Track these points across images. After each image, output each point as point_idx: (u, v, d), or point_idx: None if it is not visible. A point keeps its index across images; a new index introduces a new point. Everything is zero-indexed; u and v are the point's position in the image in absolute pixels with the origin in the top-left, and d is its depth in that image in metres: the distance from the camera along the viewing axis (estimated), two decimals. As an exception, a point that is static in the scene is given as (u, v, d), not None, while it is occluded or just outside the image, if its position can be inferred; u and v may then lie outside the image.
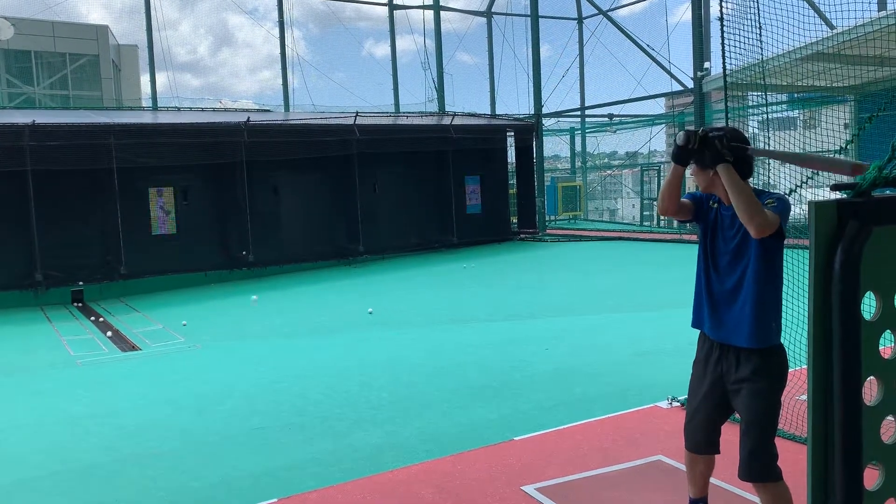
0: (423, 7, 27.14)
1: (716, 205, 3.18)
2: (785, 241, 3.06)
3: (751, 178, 3.21)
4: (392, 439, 5.40)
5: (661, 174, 29.54)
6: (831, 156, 5.05)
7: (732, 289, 3.09)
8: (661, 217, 27.43)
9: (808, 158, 2.83)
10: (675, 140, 2.94)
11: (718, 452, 3.36)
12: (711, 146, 2.87)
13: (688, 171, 3.21)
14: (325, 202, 20.19)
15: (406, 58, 43.00)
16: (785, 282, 3.24)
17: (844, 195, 1.95)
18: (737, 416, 3.35)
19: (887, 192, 1.96)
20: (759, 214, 2.84)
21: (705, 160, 2.98)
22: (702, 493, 3.48)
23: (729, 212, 3.08)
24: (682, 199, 3.25)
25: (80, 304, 15.63)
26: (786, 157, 3.03)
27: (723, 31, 5.09)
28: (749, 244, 3.02)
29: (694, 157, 2.99)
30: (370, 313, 11.74)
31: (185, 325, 11.82)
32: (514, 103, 40.76)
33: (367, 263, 19.73)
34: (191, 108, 22.34)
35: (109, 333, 11.74)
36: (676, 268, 15.02)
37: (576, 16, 30.07)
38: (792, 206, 3.11)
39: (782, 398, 3.14)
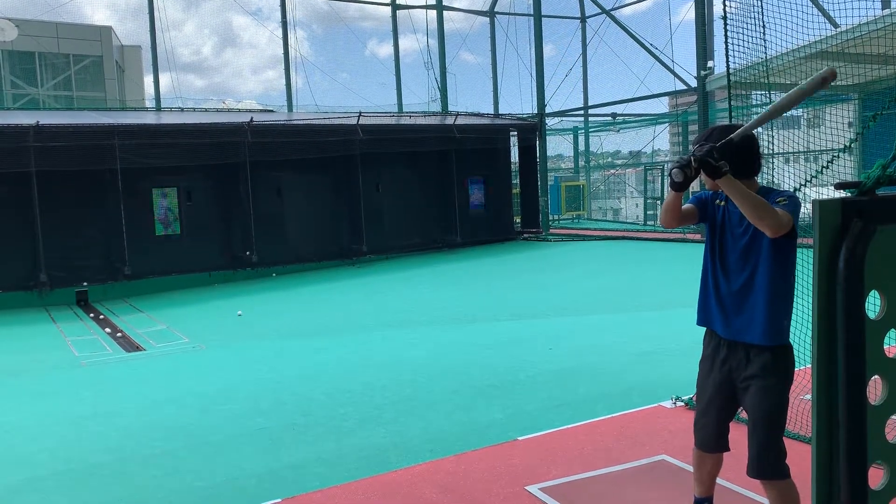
0: (426, 7, 27.15)
1: (723, 203, 3.14)
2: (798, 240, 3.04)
3: (758, 176, 3.19)
4: (396, 439, 5.40)
5: (665, 173, 29.49)
6: (828, 153, 5.05)
7: (742, 287, 3.06)
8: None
9: (787, 102, 2.78)
10: (670, 176, 2.88)
11: (728, 450, 3.34)
12: (707, 166, 2.82)
13: None
14: (328, 202, 20.21)
15: (409, 58, 43.07)
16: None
17: (848, 194, 1.95)
18: (741, 415, 3.34)
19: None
20: (770, 216, 2.81)
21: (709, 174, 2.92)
22: (708, 493, 3.46)
23: (738, 209, 3.04)
24: (686, 206, 3.21)
25: (83, 303, 15.67)
26: (770, 115, 2.98)
27: (726, 30, 5.09)
28: (760, 242, 2.99)
29: (688, 183, 2.93)
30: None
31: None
32: (518, 103, 40.68)
33: (370, 263, 19.74)
34: (194, 109, 22.39)
35: (109, 331, 11.77)
36: (680, 267, 14.99)
37: (579, 15, 30.06)
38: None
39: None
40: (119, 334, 11.52)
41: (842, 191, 2.01)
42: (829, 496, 1.81)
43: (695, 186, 3.58)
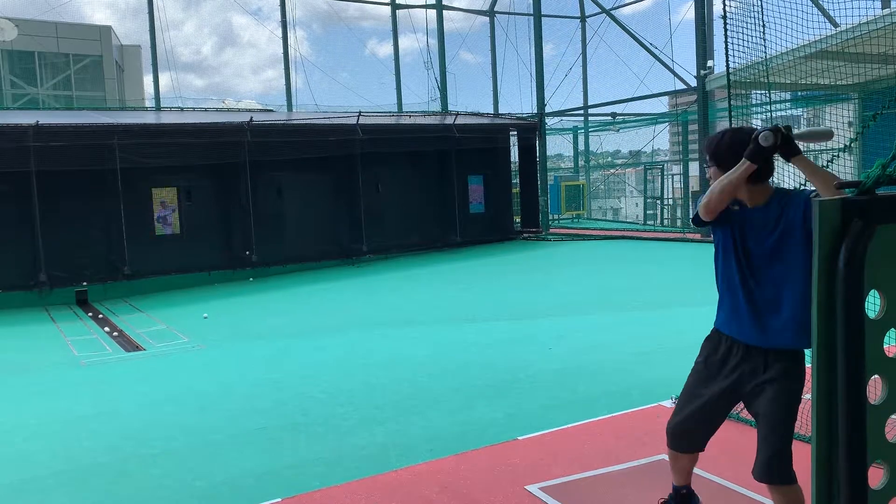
0: (426, 6, 27.14)
1: (737, 207, 3.08)
2: None
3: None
4: (396, 439, 5.39)
5: (665, 173, 29.49)
6: (828, 152, 5.06)
7: (774, 289, 2.99)
8: (673, 217, 27.39)
9: (812, 134, 2.82)
10: (756, 139, 2.78)
11: (703, 450, 3.36)
12: (789, 141, 2.79)
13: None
14: (328, 202, 20.21)
15: (409, 57, 43.17)
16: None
17: (848, 193, 1.95)
18: (742, 414, 3.32)
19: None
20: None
21: (776, 154, 2.87)
22: (686, 481, 3.50)
23: (758, 213, 3.01)
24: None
25: (84, 302, 15.67)
26: (807, 137, 3.01)
27: (726, 30, 5.08)
28: (790, 241, 2.93)
29: (769, 154, 2.86)
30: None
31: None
32: (517, 102, 40.77)
33: (370, 263, 19.74)
34: (194, 109, 22.39)
35: (109, 331, 11.76)
36: (680, 266, 14.99)
37: (579, 14, 30.05)
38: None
39: None
40: (118, 334, 11.53)
41: (842, 190, 2.01)
42: (829, 495, 1.81)
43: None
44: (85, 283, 16.25)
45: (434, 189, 22.19)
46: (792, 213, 2.90)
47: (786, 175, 5.29)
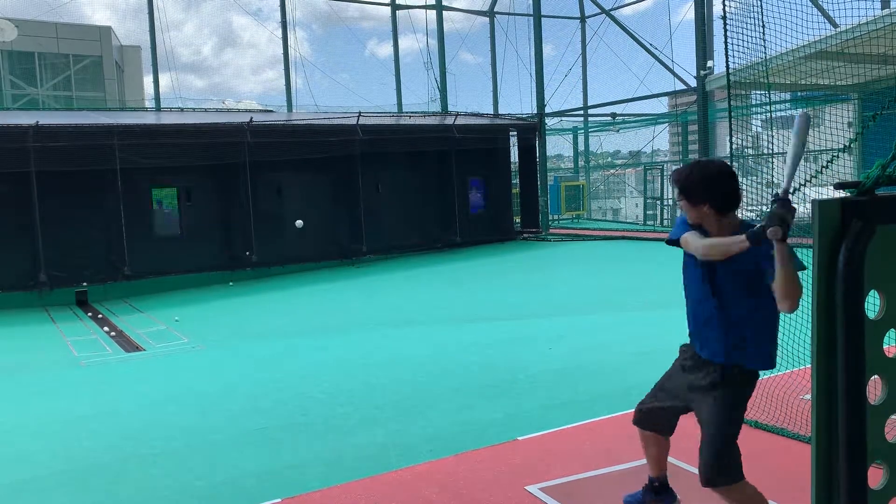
0: (426, 7, 27.15)
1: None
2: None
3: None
4: (396, 439, 5.39)
5: (665, 173, 29.48)
6: (828, 152, 5.08)
7: (734, 311, 3.10)
8: (673, 217, 27.35)
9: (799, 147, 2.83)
10: (765, 232, 2.64)
11: (671, 434, 3.56)
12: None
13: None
14: (328, 202, 20.22)
15: (409, 58, 43.09)
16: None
17: (848, 194, 1.95)
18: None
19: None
20: (799, 294, 2.69)
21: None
22: (658, 473, 3.66)
23: None
24: (693, 230, 3.20)
25: (84, 303, 15.67)
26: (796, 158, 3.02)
27: (726, 30, 5.09)
28: (753, 269, 2.99)
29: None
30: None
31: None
32: (517, 103, 40.70)
33: (370, 263, 19.74)
34: (194, 109, 22.40)
35: (109, 331, 11.76)
36: (679, 267, 14.95)
37: (578, 15, 30.06)
38: (797, 206, 3.11)
39: (785, 397, 3.14)
40: (117, 334, 11.53)
41: (841, 191, 2.01)
42: (829, 496, 1.81)
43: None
44: (85, 284, 16.26)
45: (434, 189, 22.19)
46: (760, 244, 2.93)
47: (777, 175, 5.29)
